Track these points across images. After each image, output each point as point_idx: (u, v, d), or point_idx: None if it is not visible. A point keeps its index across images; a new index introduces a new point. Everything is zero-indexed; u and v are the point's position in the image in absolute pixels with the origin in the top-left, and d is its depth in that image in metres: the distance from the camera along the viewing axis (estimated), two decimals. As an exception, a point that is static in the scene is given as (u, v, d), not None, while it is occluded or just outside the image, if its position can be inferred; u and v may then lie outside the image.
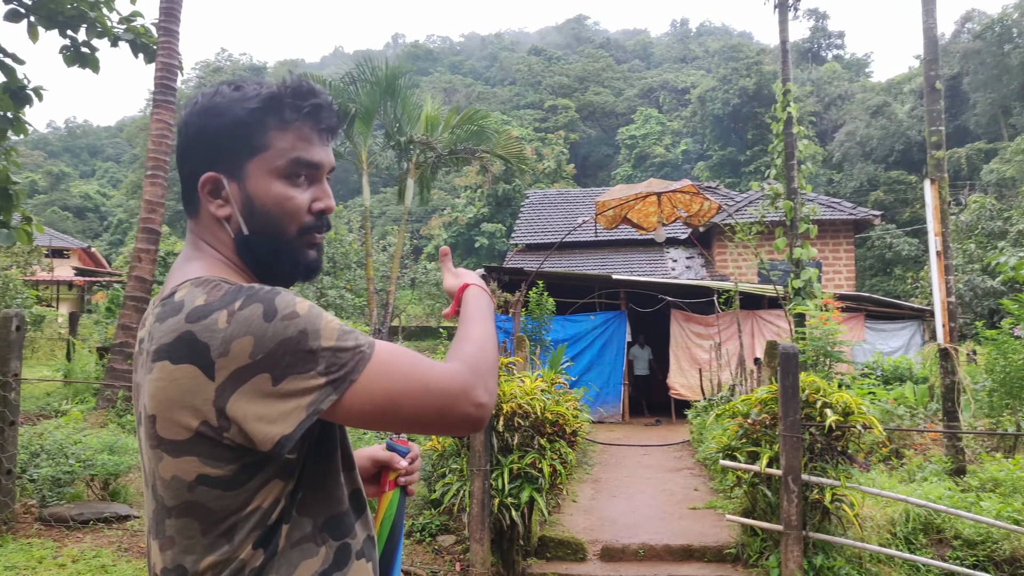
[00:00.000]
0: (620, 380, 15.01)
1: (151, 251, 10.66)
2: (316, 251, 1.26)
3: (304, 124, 1.22)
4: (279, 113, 1.20)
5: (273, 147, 1.20)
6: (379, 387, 1.08)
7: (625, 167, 51.80)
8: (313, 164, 1.22)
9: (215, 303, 1.08)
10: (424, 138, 11.25)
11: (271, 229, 1.21)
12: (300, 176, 1.22)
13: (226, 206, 1.21)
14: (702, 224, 10.33)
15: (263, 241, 1.22)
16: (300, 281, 1.28)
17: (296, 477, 1.14)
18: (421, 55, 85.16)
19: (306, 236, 1.23)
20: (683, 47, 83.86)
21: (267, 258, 1.23)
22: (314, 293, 25.71)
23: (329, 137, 1.28)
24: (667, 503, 7.66)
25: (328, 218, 1.27)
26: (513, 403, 5.23)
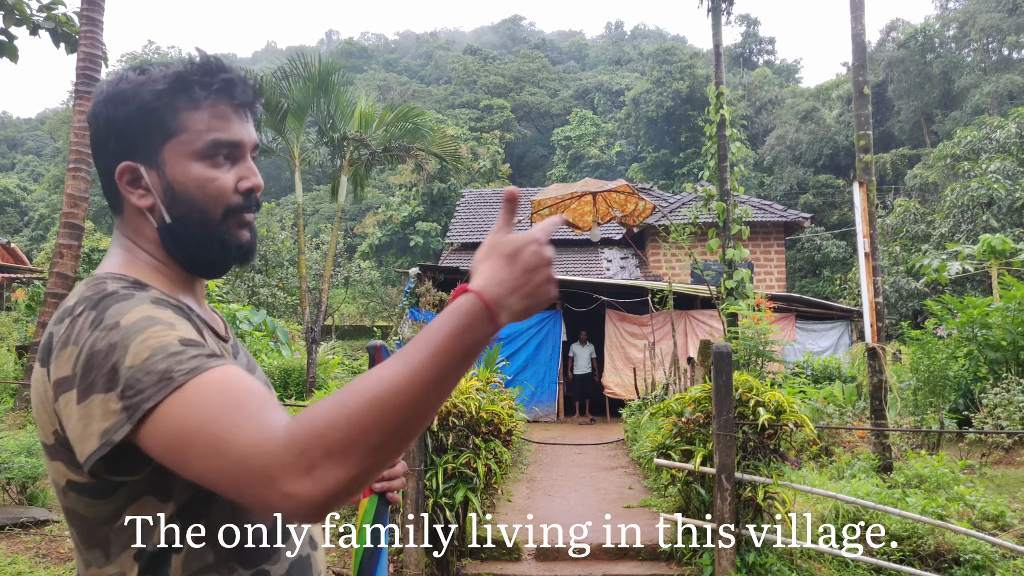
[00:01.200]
0: (555, 379, 15.04)
1: (73, 247, 10.19)
2: (248, 231, 1.20)
3: (217, 101, 1.15)
4: (188, 93, 1.14)
5: (187, 129, 1.14)
6: (172, 427, 0.89)
7: (560, 168, 52.10)
8: (232, 143, 1.16)
9: (73, 305, 1.01)
10: (358, 135, 11.03)
11: (196, 214, 1.15)
12: (220, 156, 1.16)
13: (148, 195, 1.15)
14: (637, 224, 10.40)
15: (188, 228, 1.16)
16: (237, 265, 1.21)
17: (178, 499, 1.02)
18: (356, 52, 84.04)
19: (234, 217, 1.17)
20: (618, 49, 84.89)
21: (194, 246, 1.17)
22: (246, 291, 25.09)
23: (247, 113, 1.20)
24: (602, 502, 7.66)
25: (257, 197, 1.21)
26: (447, 402, 5.12)
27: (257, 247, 1.25)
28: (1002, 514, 5.47)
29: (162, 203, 1.14)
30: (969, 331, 9.89)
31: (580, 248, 21.50)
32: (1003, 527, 5.41)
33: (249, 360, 1.28)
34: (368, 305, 32.67)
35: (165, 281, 1.16)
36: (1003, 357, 9.64)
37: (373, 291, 31.25)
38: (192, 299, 1.22)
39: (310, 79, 10.81)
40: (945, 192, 23.65)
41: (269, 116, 10.80)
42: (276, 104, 10.76)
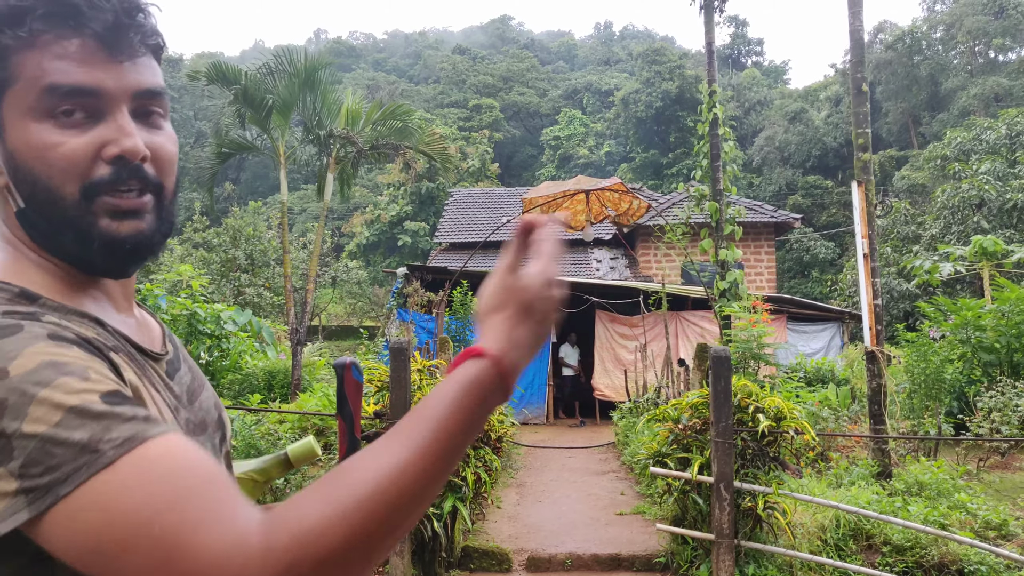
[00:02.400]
0: (545, 381, 14.87)
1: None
2: (132, 219, 0.86)
3: (59, 33, 0.81)
4: (18, 24, 0.81)
5: (21, 77, 0.81)
6: (95, 522, 0.64)
7: (549, 167, 51.94)
8: (79, 89, 0.82)
9: None
10: (345, 132, 10.81)
11: (41, 194, 0.83)
12: (72, 114, 0.82)
13: (2, 172, 0.85)
14: (630, 223, 10.23)
15: (40, 213, 0.84)
16: (116, 265, 0.88)
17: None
18: (344, 51, 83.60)
19: (100, 199, 0.84)
20: (607, 50, 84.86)
21: (51, 236, 0.85)
22: (232, 291, 24.79)
23: (118, 47, 0.84)
24: (593, 508, 7.48)
25: (141, 167, 0.85)
26: (436, 409, 4.93)
27: (164, 236, 0.91)
28: (1005, 523, 5.34)
29: (10, 182, 0.85)
30: (963, 333, 9.79)
31: (570, 248, 21.31)
32: (1007, 536, 5.27)
33: (195, 378, 1.02)
34: (356, 305, 32.42)
35: (58, 285, 0.86)
36: (997, 359, 9.55)
37: (361, 291, 31.01)
38: (105, 303, 0.91)
39: (296, 75, 10.58)
40: (936, 193, 23.65)
41: (254, 113, 10.57)
42: (261, 100, 10.53)
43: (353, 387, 1.15)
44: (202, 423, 0.97)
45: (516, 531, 6.49)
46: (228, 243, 25.81)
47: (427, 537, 4.97)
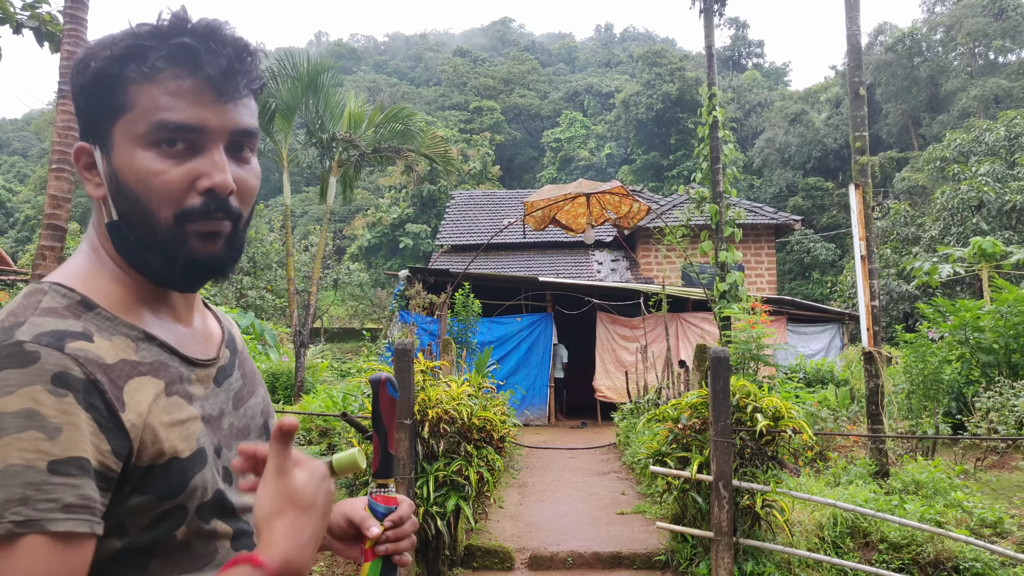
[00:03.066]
0: (546, 382, 14.96)
1: (56, 248, 9.98)
2: (216, 243, 0.95)
3: (176, 73, 0.91)
4: (141, 60, 0.91)
5: (135, 107, 0.91)
6: None
7: (550, 169, 52.04)
8: (185, 127, 0.91)
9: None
10: (347, 135, 10.89)
11: (139, 215, 0.93)
12: (174, 144, 0.92)
13: (102, 185, 0.95)
14: (631, 226, 10.31)
15: (133, 230, 0.94)
16: (193, 282, 0.97)
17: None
18: (345, 54, 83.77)
19: (192, 224, 0.93)
20: (607, 52, 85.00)
21: (141, 252, 0.95)
22: (234, 294, 24.87)
23: (225, 89, 0.93)
24: (594, 508, 7.56)
25: (227, 200, 0.94)
26: (439, 409, 5.01)
27: (235, 260, 1.00)
28: (1000, 520, 5.41)
29: (109, 196, 0.95)
30: (961, 334, 9.86)
31: (571, 250, 21.43)
32: (1001, 534, 5.34)
33: (245, 384, 1.09)
34: (357, 307, 32.49)
35: (124, 294, 0.95)
36: (995, 360, 9.61)
37: (363, 293, 31.08)
38: (164, 314, 1.00)
39: (299, 79, 10.67)
40: (935, 195, 23.70)
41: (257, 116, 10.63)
42: (264, 104, 10.62)
43: (388, 403, 1.16)
44: (245, 428, 1.06)
45: (518, 530, 6.57)
46: (230, 246, 25.92)
47: (430, 535, 5.05)
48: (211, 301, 16.10)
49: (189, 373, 0.98)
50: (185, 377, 0.97)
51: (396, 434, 4.87)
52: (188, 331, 1.03)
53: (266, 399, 1.13)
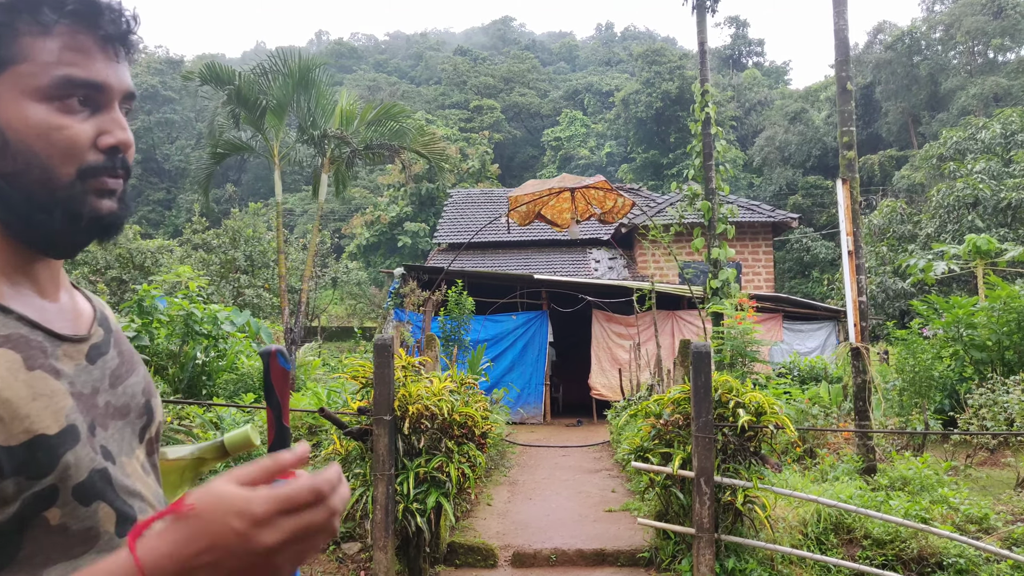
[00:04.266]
0: (542, 381, 14.92)
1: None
2: (110, 199, 0.94)
3: (75, 29, 0.91)
4: (34, 12, 0.89)
5: (30, 58, 0.88)
6: None
7: (550, 168, 51.99)
8: (91, 84, 0.91)
9: None
10: (339, 132, 10.86)
11: (35, 171, 0.89)
12: (74, 100, 0.91)
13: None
14: (615, 221, 10.27)
15: (24, 188, 0.89)
16: (93, 241, 0.97)
17: None
18: (345, 53, 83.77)
19: (92, 180, 0.92)
20: (608, 50, 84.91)
21: (30, 212, 0.90)
22: (231, 292, 24.85)
23: (119, 51, 0.95)
24: (583, 506, 7.53)
25: (125, 159, 0.95)
26: (419, 404, 4.98)
27: (127, 217, 0.98)
28: (986, 516, 5.37)
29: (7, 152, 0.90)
30: (955, 331, 9.83)
31: (568, 248, 21.40)
32: (987, 530, 5.30)
33: (123, 363, 1.04)
34: (356, 306, 32.47)
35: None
36: (988, 357, 9.58)
37: (361, 292, 31.07)
38: (26, 288, 0.94)
39: (290, 75, 10.64)
40: (931, 192, 23.64)
41: (248, 113, 10.63)
42: (255, 101, 10.59)
43: (280, 375, 1.12)
44: (124, 407, 1.00)
45: (504, 528, 6.54)
46: (228, 244, 25.88)
47: (411, 532, 5.02)
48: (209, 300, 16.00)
49: (55, 348, 0.93)
50: (50, 352, 0.92)
51: (377, 430, 4.85)
52: (54, 306, 0.98)
53: (147, 378, 1.08)
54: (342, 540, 5.65)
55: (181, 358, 12.41)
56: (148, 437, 1.05)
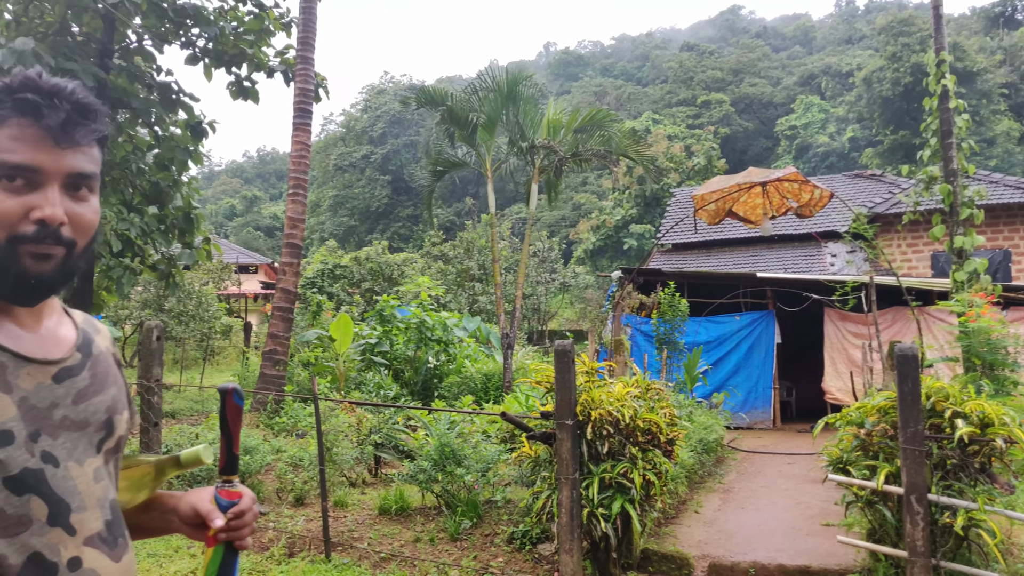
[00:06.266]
0: (770, 384, 14.18)
1: (294, 264, 11.26)
2: (43, 262, 1.13)
3: (19, 122, 1.11)
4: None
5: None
6: None
7: (786, 158, 49.21)
8: (21, 167, 1.10)
9: None
10: (546, 142, 11.15)
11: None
12: (14, 180, 1.11)
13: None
14: (813, 214, 9.47)
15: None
16: (24, 295, 1.15)
17: None
18: (572, 61, 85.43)
19: (22, 246, 1.11)
20: (848, 28, 78.62)
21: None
22: (466, 299, 26.37)
23: (62, 138, 1.13)
24: (799, 517, 7.07)
25: (58, 230, 1.12)
26: (602, 410, 4.98)
27: (65, 280, 1.18)
28: None
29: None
30: None
31: (801, 244, 20.15)
32: None
33: (93, 384, 1.25)
34: (584, 309, 32.98)
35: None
36: None
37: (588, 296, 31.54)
38: (8, 320, 1.17)
39: (498, 91, 11.11)
40: None
41: (461, 131, 11.26)
42: (467, 118, 11.18)
43: (234, 411, 1.31)
44: (83, 421, 1.20)
45: (707, 536, 6.33)
46: (462, 255, 27.51)
47: (598, 537, 5.03)
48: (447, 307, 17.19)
49: (17, 368, 1.13)
50: (11, 371, 1.13)
51: (560, 434, 4.93)
52: (31, 335, 1.19)
53: (116, 399, 1.28)
54: (537, 541, 5.80)
55: (415, 362, 13.43)
56: (106, 448, 1.24)
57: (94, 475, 1.19)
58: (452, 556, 5.68)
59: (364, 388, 10.52)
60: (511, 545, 5.85)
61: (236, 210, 73.96)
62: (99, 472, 1.21)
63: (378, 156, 60.49)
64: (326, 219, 59.41)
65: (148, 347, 6.60)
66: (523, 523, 5.94)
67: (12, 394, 1.12)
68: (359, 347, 12.22)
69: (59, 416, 1.17)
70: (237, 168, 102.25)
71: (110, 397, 1.27)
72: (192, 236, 16.87)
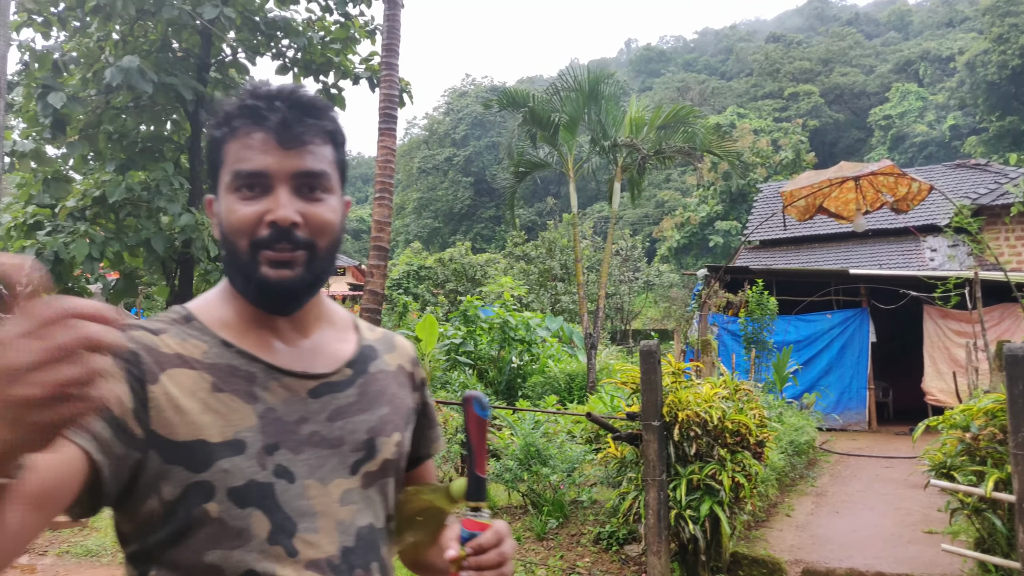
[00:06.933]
0: (864, 384, 13.64)
1: (381, 267, 11.50)
2: (283, 268, 1.09)
3: (248, 129, 1.10)
4: (226, 123, 1.12)
5: (225, 161, 1.12)
6: None
7: (879, 150, 47.26)
8: (250, 174, 1.09)
9: None
10: (628, 140, 11.05)
11: (227, 247, 1.12)
12: (251, 189, 1.10)
13: (218, 227, 1.15)
14: (910, 208, 9.00)
15: (227, 261, 1.15)
16: (269, 303, 1.13)
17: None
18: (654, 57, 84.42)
19: (262, 252, 1.09)
20: (948, 9, 74.84)
21: (233, 277, 1.15)
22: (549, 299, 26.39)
23: (285, 138, 1.10)
24: (899, 524, 6.79)
25: (290, 231, 1.09)
26: (688, 411, 4.91)
27: (308, 284, 1.13)
28: None
29: (219, 234, 1.15)
30: None
31: (897, 238, 19.29)
32: None
33: (360, 403, 1.19)
34: (669, 308, 32.54)
35: (228, 313, 1.16)
36: None
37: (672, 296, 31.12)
38: (265, 332, 1.16)
39: (580, 91, 11.08)
40: None
41: (542, 131, 11.29)
42: (548, 119, 11.19)
43: (475, 422, 1.14)
44: (337, 439, 1.14)
45: (800, 541, 6.15)
46: (545, 255, 27.54)
47: (686, 539, 4.96)
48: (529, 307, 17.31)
49: (268, 379, 1.12)
50: (260, 381, 1.11)
51: (646, 435, 4.89)
52: (292, 348, 1.17)
53: (386, 420, 1.21)
54: (624, 542, 5.76)
55: (499, 362, 13.53)
56: (365, 471, 1.16)
57: (341, 497, 1.12)
58: (539, 555, 5.71)
59: (449, 387, 10.67)
60: (597, 545, 5.83)
61: (324, 214, 76.21)
62: (350, 495, 1.13)
63: (461, 158, 61.21)
64: (410, 221, 60.51)
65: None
66: (609, 524, 5.91)
67: (256, 405, 1.10)
68: (444, 347, 12.40)
69: (307, 431, 1.12)
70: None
71: (377, 417, 1.20)
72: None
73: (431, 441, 1.36)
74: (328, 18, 15.64)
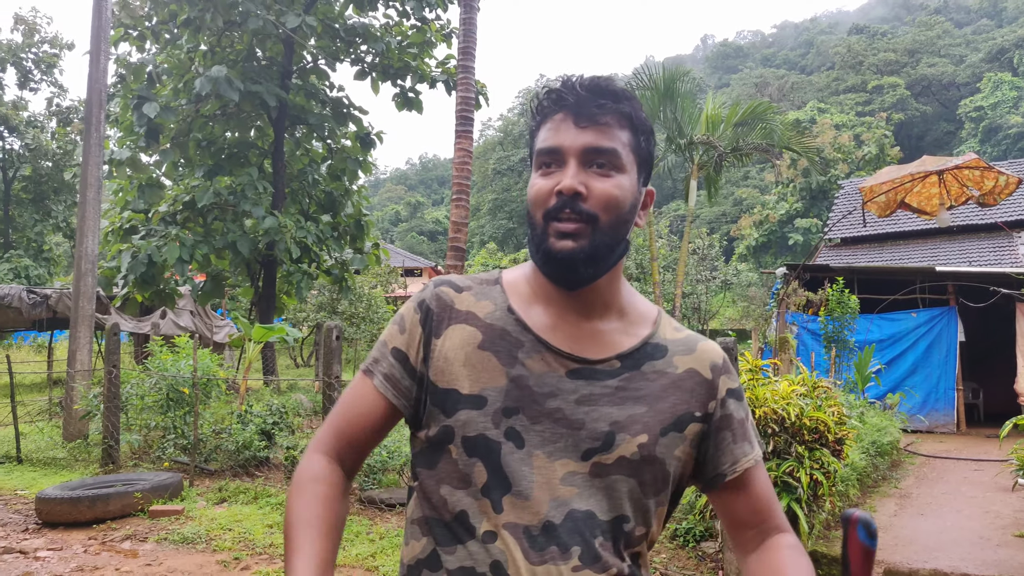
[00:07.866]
0: (952, 385, 13.18)
1: (458, 267, 11.76)
2: (565, 239, 1.15)
3: (552, 114, 1.20)
4: (540, 110, 1.23)
5: (536, 144, 1.22)
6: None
7: (970, 143, 45.24)
8: (548, 150, 1.18)
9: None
10: (705, 138, 11.00)
11: (530, 219, 1.21)
12: (549, 165, 1.19)
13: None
14: (998, 203, 8.61)
15: (528, 234, 1.24)
16: (553, 273, 1.19)
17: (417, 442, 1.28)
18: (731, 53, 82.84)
19: (551, 223, 1.16)
20: (1049, -7, 71.04)
21: (530, 251, 1.24)
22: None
23: (579, 116, 1.17)
24: (987, 527, 6.61)
25: (573, 200, 1.14)
26: (766, 408, 4.93)
27: (586, 257, 1.16)
28: None
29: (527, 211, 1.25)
30: None
31: (987, 234, 18.52)
32: None
33: (612, 399, 1.19)
34: (748, 308, 31.97)
35: (524, 285, 1.26)
36: None
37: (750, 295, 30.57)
38: (551, 308, 1.24)
39: (655, 90, 11.08)
40: None
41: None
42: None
43: (859, 552, 1.02)
44: (576, 422, 1.17)
45: (882, 542, 6.06)
46: (618, 254, 27.47)
47: (764, 535, 4.98)
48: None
49: (534, 349, 1.20)
50: (527, 347, 1.20)
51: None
52: (567, 328, 1.23)
53: (638, 420, 1.19)
54: (701, 538, 5.80)
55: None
56: (597, 460, 1.16)
57: (564, 476, 1.14)
58: (615, 549, 5.78)
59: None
60: (674, 542, 5.88)
61: (401, 216, 77.69)
62: (573, 477, 1.15)
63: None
64: (486, 222, 61.03)
65: (328, 346, 7.20)
66: (686, 520, 5.95)
67: (511, 368, 1.19)
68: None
69: (552, 406, 1.17)
70: (401, 175, 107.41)
71: (626, 415, 1.18)
72: (363, 242, 17.98)
73: (741, 456, 1.25)
74: (405, 23, 16.00)
